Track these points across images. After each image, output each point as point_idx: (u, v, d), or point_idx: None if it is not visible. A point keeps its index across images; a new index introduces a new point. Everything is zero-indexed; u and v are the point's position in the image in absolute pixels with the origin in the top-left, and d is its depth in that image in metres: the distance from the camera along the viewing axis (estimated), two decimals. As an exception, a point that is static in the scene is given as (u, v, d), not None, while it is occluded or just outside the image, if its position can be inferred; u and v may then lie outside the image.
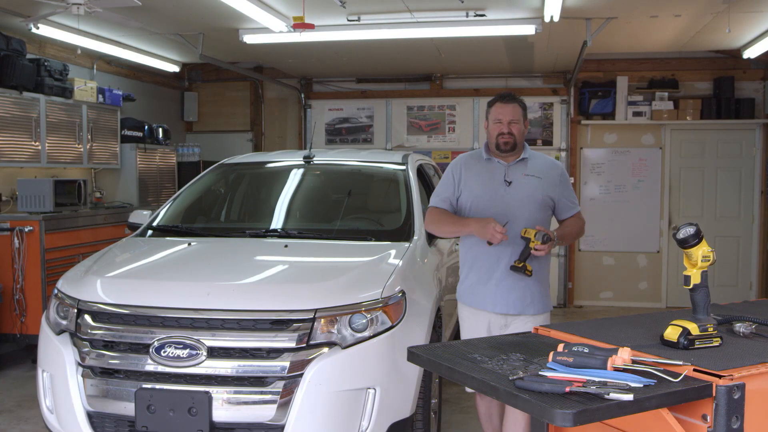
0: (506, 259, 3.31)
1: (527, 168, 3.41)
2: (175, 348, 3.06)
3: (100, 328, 3.20)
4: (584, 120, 8.58)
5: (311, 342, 3.05)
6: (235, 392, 3.01)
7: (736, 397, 1.45)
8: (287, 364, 3.00)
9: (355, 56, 7.87)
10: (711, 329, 1.71)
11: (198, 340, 3.05)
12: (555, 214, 3.50)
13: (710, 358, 1.60)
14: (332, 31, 6.45)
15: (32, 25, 5.75)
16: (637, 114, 8.36)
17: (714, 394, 1.45)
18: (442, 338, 3.95)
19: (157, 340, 3.08)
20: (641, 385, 1.44)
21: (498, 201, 3.34)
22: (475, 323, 3.40)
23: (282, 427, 2.99)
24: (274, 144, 9.51)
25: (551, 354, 1.59)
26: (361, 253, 3.72)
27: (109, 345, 3.17)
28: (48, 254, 5.89)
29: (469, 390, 2.82)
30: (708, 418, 1.47)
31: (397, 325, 3.21)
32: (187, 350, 3.04)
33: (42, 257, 5.84)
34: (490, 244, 3.23)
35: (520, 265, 3.20)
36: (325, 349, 3.06)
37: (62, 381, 3.20)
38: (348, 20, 6.18)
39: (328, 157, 4.96)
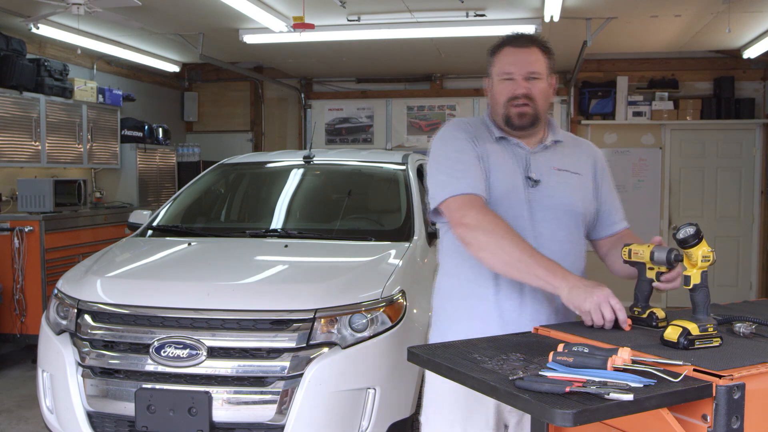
0: (526, 287, 2.06)
1: (559, 157, 2.18)
2: (175, 348, 3.06)
3: (100, 328, 3.20)
4: (584, 120, 8.58)
5: (311, 342, 3.05)
6: (235, 392, 3.01)
7: (736, 397, 1.45)
8: (287, 364, 3.00)
9: (355, 56, 7.88)
10: (711, 329, 1.71)
11: (198, 340, 3.05)
12: (592, 232, 2.28)
13: (710, 358, 1.60)
14: (332, 31, 6.45)
15: (32, 25, 5.75)
16: (637, 114, 8.36)
17: (714, 394, 1.45)
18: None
19: (157, 340, 3.08)
20: (641, 385, 1.43)
21: (518, 212, 2.08)
22: (471, 413, 2.11)
23: (282, 427, 2.99)
24: (274, 144, 9.51)
25: (551, 354, 1.59)
26: (361, 253, 3.72)
27: (109, 345, 3.17)
28: (48, 254, 5.89)
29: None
30: (708, 418, 1.47)
31: (397, 325, 3.21)
32: (187, 350, 3.04)
33: (42, 257, 5.84)
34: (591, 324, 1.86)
35: (646, 315, 1.89)
36: (325, 349, 3.06)
37: (62, 381, 3.20)
38: (348, 20, 6.18)
39: (328, 157, 4.96)
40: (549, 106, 2.19)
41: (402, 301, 3.29)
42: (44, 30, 6.07)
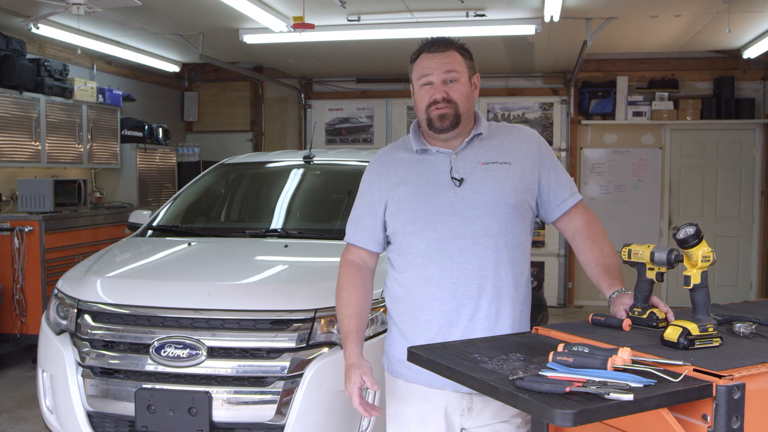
0: (473, 295, 2.09)
1: (485, 151, 2.17)
2: (175, 348, 3.06)
3: (100, 328, 3.20)
4: (584, 120, 8.58)
5: (311, 342, 3.05)
6: (235, 392, 3.01)
7: (736, 397, 1.45)
8: (287, 364, 3.00)
9: (355, 56, 7.88)
10: (711, 329, 1.71)
11: (198, 340, 3.05)
12: (543, 214, 2.25)
13: (710, 358, 1.60)
14: (332, 31, 6.45)
15: (32, 25, 5.75)
16: (637, 114, 8.36)
17: (714, 394, 1.45)
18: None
19: (157, 340, 3.08)
20: (641, 385, 1.43)
21: (445, 215, 2.10)
22: (422, 413, 2.14)
23: (282, 427, 2.99)
24: (274, 144, 9.51)
25: (551, 354, 1.59)
26: (361, 253, 3.71)
27: (109, 345, 3.17)
28: (48, 254, 5.89)
29: None
30: (708, 418, 1.47)
31: (397, 325, 3.20)
32: (187, 350, 3.04)
33: (42, 257, 5.84)
34: None
35: (646, 315, 1.89)
36: (325, 349, 3.06)
37: (62, 381, 3.20)
38: (348, 20, 6.18)
39: (328, 157, 4.96)
40: (472, 106, 2.19)
41: (402, 301, 3.28)
42: (44, 30, 6.07)
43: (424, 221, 2.11)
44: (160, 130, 8.07)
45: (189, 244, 3.96)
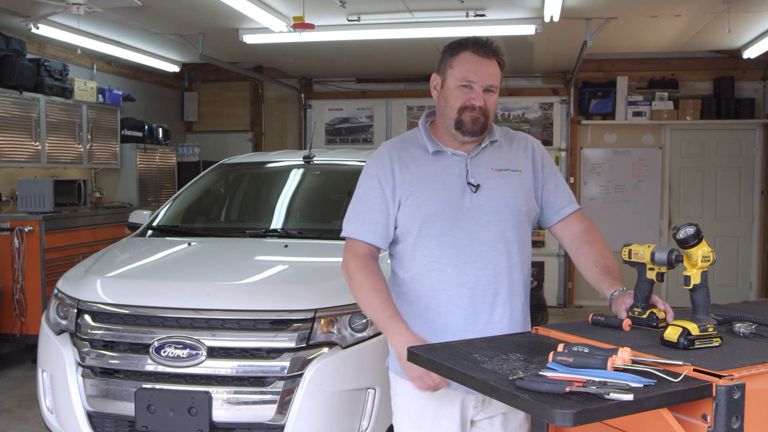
0: (489, 299, 2.11)
1: (496, 157, 2.19)
2: (175, 348, 3.06)
3: (100, 328, 3.20)
4: (584, 120, 8.58)
5: (311, 342, 3.05)
6: (235, 392, 3.01)
7: (736, 397, 1.45)
8: (287, 364, 3.00)
9: (355, 56, 7.88)
10: (711, 329, 1.71)
11: (198, 340, 3.05)
12: (541, 219, 2.28)
13: (710, 358, 1.60)
14: (332, 31, 6.45)
15: (32, 25, 5.75)
16: (637, 114, 8.36)
17: (714, 394, 1.45)
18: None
19: (157, 340, 3.08)
20: (641, 385, 1.43)
21: (463, 220, 2.10)
22: (437, 408, 2.13)
23: (282, 427, 2.99)
24: (274, 144, 9.51)
25: (551, 354, 1.59)
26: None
27: (109, 345, 3.17)
28: (48, 254, 5.89)
29: None
30: (708, 418, 1.47)
31: (397, 325, 3.20)
32: (187, 350, 3.05)
33: (42, 257, 5.84)
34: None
35: (646, 315, 1.89)
36: (325, 349, 3.07)
37: (62, 381, 3.20)
38: (348, 20, 6.18)
39: (328, 157, 4.96)
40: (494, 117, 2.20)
41: (402, 301, 3.28)
42: (44, 30, 6.07)
43: (442, 224, 2.10)
44: (160, 130, 8.07)
45: (189, 244, 3.97)
